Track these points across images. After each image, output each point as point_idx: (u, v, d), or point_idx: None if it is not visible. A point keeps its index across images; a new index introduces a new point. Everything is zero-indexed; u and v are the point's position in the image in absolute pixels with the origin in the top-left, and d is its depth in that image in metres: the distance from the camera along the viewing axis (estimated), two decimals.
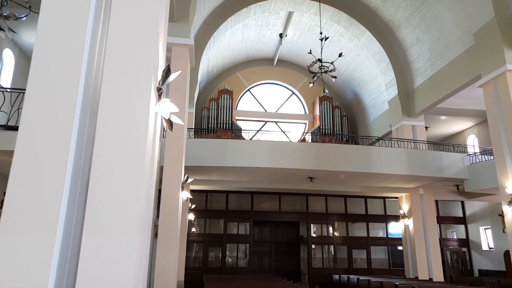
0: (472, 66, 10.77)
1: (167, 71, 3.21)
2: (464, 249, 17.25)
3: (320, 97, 17.67)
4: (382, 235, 16.75)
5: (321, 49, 10.96)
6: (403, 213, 14.37)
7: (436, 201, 16.40)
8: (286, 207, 16.43)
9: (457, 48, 11.55)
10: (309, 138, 17.26)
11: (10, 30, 5.81)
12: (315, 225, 16.41)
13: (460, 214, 17.75)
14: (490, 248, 16.22)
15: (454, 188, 13.16)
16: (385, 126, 15.61)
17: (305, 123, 18.73)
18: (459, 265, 16.97)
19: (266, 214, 16.22)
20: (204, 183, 13.43)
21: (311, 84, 10.75)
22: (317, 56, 10.63)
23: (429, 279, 12.19)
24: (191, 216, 12.63)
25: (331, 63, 10.46)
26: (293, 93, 18.98)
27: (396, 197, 15.43)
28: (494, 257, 15.81)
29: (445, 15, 11.61)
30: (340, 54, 10.55)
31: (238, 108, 18.28)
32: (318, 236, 16.29)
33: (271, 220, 16.44)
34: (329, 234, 16.35)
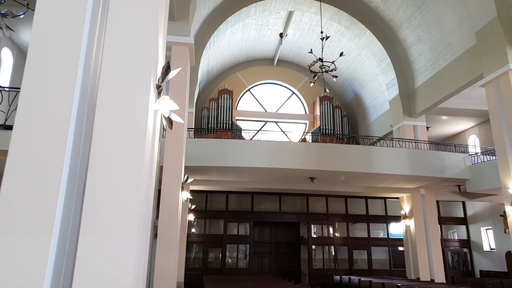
0: (474, 65, 10.70)
1: (166, 68, 3.13)
2: (465, 249, 17.17)
3: (320, 97, 17.60)
4: (383, 235, 16.67)
5: (322, 48, 10.89)
6: (404, 213, 14.30)
7: (437, 202, 16.32)
8: (287, 207, 16.35)
9: (458, 47, 11.49)
10: (310, 138, 17.17)
11: (8, 28, 5.74)
12: (316, 225, 16.33)
13: (461, 215, 17.68)
14: (491, 248, 16.15)
15: (456, 188, 13.09)
16: (386, 126, 15.53)
17: (306, 123, 18.65)
18: (460, 266, 16.90)
19: (266, 215, 16.13)
20: (204, 183, 13.35)
21: (312, 83, 10.66)
22: (318, 55, 10.56)
23: (431, 280, 12.11)
24: (191, 217, 12.55)
25: (332, 63, 10.39)
26: (293, 93, 18.91)
27: (397, 198, 15.35)
28: (496, 258, 15.73)
29: (446, 15, 11.54)
30: (341, 54, 10.48)
31: (238, 108, 18.20)
32: (319, 236, 16.21)
33: (271, 221, 16.36)
34: (330, 234, 16.27)
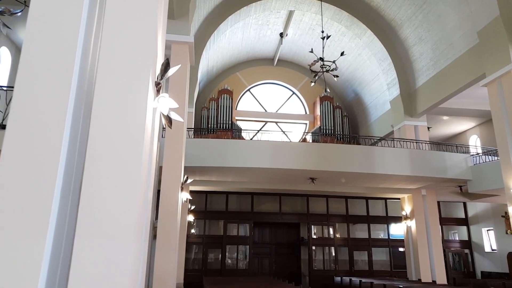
0: (476, 65, 10.62)
1: (166, 65, 3.05)
2: (466, 250, 17.09)
3: (320, 97, 17.52)
4: (383, 236, 16.59)
5: (323, 48, 10.82)
6: (406, 214, 14.21)
7: (438, 202, 16.24)
8: (287, 208, 16.27)
9: (460, 47, 11.41)
10: (310, 139, 17.09)
11: (5, 26, 5.65)
12: (316, 226, 16.25)
13: (462, 216, 17.60)
14: (492, 249, 16.07)
15: (457, 189, 13.00)
16: (386, 127, 15.45)
17: (306, 124, 18.57)
18: (461, 267, 16.81)
19: (266, 215, 16.04)
20: (204, 183, 13.26)
21: (312, 83, 10.59)
22: (318, 55, 10.48)
23: (432, 282, 12.02)
24: (190, 217, 12.46)
25: (333, 62, 10.31)
26: (294, 93, 18.83)
27: (398, 198, 15.27)
28: (497, 259, 15.65)
29: (448, 14, 11.47)
30: (342, 53, 10.41)
31: (238, 108, 18.12)
32: (319, 237, 16.12)
33: (272, 222, 16.27)
34: (330, 235, 16.18)
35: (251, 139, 15.07)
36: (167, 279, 7.04)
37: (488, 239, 16.36)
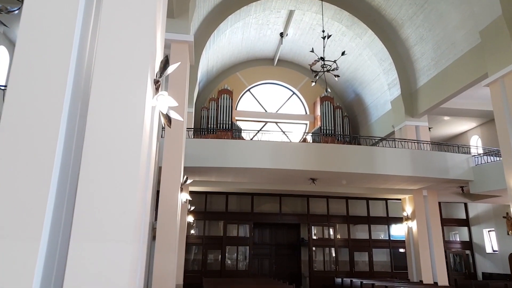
0: (478, 64, 10.54)
1: (165, 62, 2.97)
2: (467, 251, 17.02)
3: (321, 97, 17.43)
4: (384, 237, 16.51)
5: (324, 47, 10.75)
6: (407, 215, 14.12)
7: (439, 203, 16.17)
8: (287, 208, 16.18)
9: (462, 46, 11.33)
10: (310, 139, 17.01)
11: (2, 24, 5.57)
12: (316, 227, 16.16)
13: (463, 216, 17.53)
14: (494, 250, 15.99)
15: (459, 189, 12.92)
16: (387, 127, 15.37)
17: (306, 124, 18.49)
18: (462, 268, 16.73)
19: (266, 216, 15.96)
20: (204, 184, 13.18)
21: (313, 83, 10.52)
22: (319, 55, 10.41)
23: (434, 283, 11.94)
24: (190, 218, 12.38)
25: (334, 62, 10.24)
26: (294, 93, 18.74)
27: (399, 199, 15.18)
28: (499, 260, 15.57)
29: (449, 13, 11.39)
30: (343, 53, 10.36)
31: (238, 108, 18.03)
32: (319, 238, 16.04)
33: (272, 222, 16.19)
34: (331, 236, 16.10)
35: (251, 139, 14.99)
36: (166, 280, 6.99)
37: (490, 240, 16.28)
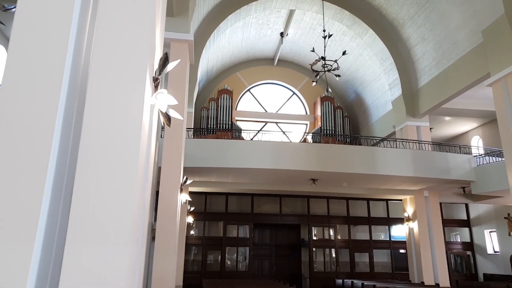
0: (480, 64, 10.46)
1: (164, 59, 2.89)
2: (468, 252, 16.94)
3: (321, 98, 17.35)
4: (384, 238, 16.44)
5: (324, 47, 10.69)
6: (408, 216, 14.04)
7: (440, 204, 16.11)
8: (287, 209, 16.10)
9: (464, 46, 11.25)
10: (310, 139, 16.92)
11: None
12: (317, 227, 16.09)
13: (464, 217, 17.45)
14: (495, 251, 15.91)
15: (460, 190, 12.84)
16: (388, 127, 15.28)
17: (306, 124, 18.40)
18: (463, 269, 16.66)
19: (266, 217, 15.88)
20: (204, 184, 13.10)
21: (314, 83, 10.45)
22: (319, 54, 10.33)
23: (436, 285, 11.86)
24: (190, 219, 12.31)
25: (335, 61, 10.16)
26: (294, 93, 18.66)
27: (400, 200, 15.11)
28: (500, 261, 15.49)
29: (451, 13, 11.32)
30: (344, 52, 10.28)
31: (238, 109, 17.95)
32: (320, 239, 15.95)
33: (272, 223, 16.11)
34: (331, 237, 16.02)
35: (251, 139, 14.92)
36: (166, 281, 6.93)
37: (491, 241, 16.20)
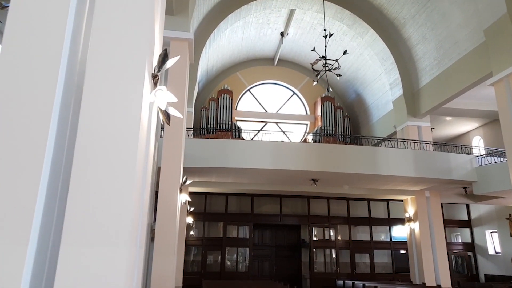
0: (482, 64, 10.39)
1: (164, 55, 2.81)
2: (470, 253, 16.87)
3: (321, 98, 17.27)
4: (385, 238, 16.36)
5: (325, 46, 10.61)
6: (409, 216, 13.96)
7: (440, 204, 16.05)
8: (287, 210, 16.03)
9: (466, 45, 11.18)
10: (311, 139, 16.85)
11: None
12: (317, 228, 16.01)
13: (465, 218, 17.38)
14: (496, 252, 15.84)
15: (462, 190, 12.77)
16: (389, 127, 15.21)
17: (307, 124, 18.33)
18: (464, 270, 16.58)
19: (266, 217, 15.81)
20: (203, 185, 13.03)
21: (314, 82, 10.37)
22: (320, 54, 10.25)
23: (437, 286, 11.78)
24: (189, 219, 12.23)
25: (336, 61, 10.09)
26: (294, 93, 18.59)
27: (401, 200, 15.03)
28: (501, 262, 15.42)
29: (453, 12, 11.25)
30: (345, 52, 10.20)
31: (238, 109, 17.88)
32: (320, 239, 15.88)
33: (272, 223, 16.04)
34: (331, 237, 15.94)
35: (251, 139, 14.84)
36: (165, 282, 6.86)
37: (492, 242, 16.13)
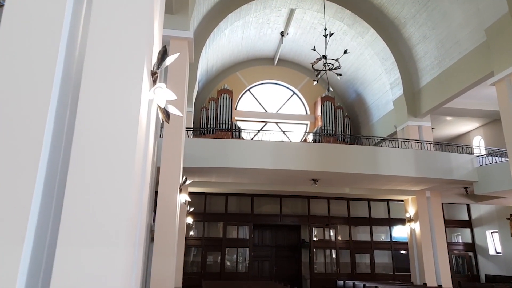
0: (483, 63, 10.35)
1: (163, 52, 2.76)
2: (470, 253, 16.83)
3: (322, 98, 17.22)
4: (385, 238, 16.32)
5: (326, 46, 10.55)
6: (409, 216, 13.91)
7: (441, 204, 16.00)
8: (287, 210, 15.98)
9: (467, 45, 11.13)
10: (311, 139, 16.80)
11: None
12: (317, 228, 15.97)
13: (466, 218, 17.34)
14: (497, 252, 15.79)
15: (462, 190, 12.72)
16: (389, 127, 15.16)
17: (307, 124, 18.28)
18: (465, 270, 16.54)
19: (266, 217, 15.76)
20: (203, 185, 12.98)
21: (315, 82, 10.33)
22: (320, 53, 10.20)
23: (438, 286, 11.73)
24: (189, 220, 12.18)
25: (336, 60, 10.03)
26: (294, 93, 18.54)
27: (401, 200, 14.98)
28: (502, 262, 15.38)
29: (454, 11, 11.20)
30: (346, 51, 10.13)
31: (238, 108, 17.83)
32: (320, 240, 15.83)
33: (272, 224, 15.99)
34: (332, 238, 15.90)
35: (251, 139, 14.79)
36: (165, 283, 6.82)
37: (493, 242, 16.09)
